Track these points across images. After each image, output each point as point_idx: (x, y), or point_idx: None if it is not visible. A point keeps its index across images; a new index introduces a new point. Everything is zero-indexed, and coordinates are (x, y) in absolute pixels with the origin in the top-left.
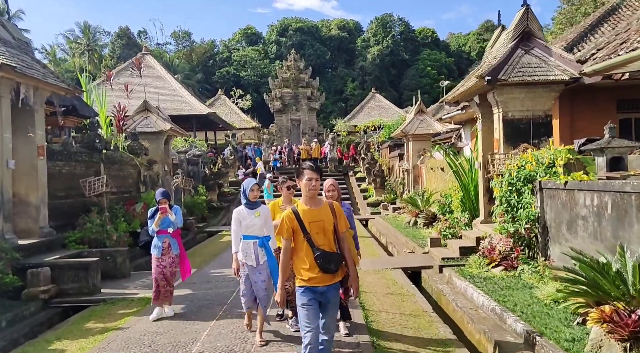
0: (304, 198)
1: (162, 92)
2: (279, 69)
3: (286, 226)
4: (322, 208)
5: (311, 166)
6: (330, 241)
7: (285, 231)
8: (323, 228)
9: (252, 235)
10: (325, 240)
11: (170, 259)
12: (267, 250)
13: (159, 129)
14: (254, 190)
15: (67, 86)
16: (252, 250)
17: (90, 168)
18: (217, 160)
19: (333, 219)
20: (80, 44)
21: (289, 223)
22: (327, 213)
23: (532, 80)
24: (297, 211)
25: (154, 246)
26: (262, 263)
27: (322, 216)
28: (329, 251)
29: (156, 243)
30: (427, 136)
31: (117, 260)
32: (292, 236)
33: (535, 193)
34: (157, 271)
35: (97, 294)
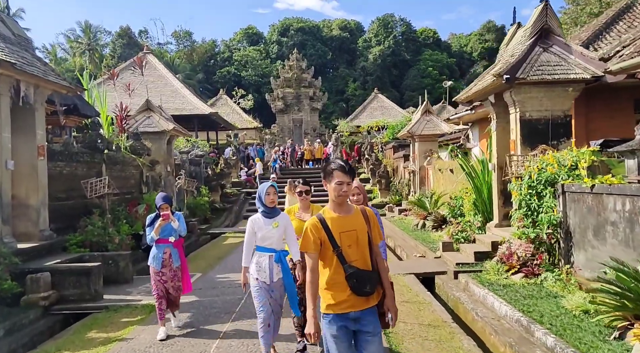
0: (331, 204)
1: (163, 92)
2: (280, 69)
3: (312, 237)
4: (353, 215)
5: (342, 167)
6: (364, 255)
7: (312, 245)
8: (356, 240)
9: (268, 248)
10: (358, 254)
11: (172, 272)
12: (283, 266)
13: (161, 128)
14: (270, 194)
15: (69, 84)
16: (267, 264)
17: (91, 168)
18: (220, 160)
19: (367, 229)
20: (81, 44)
21: (315, 234)
22: (360, 222)
23: (552, 79)
24: (324, 219)
25: (153, 257)
26: (277, 280)
27: (354, 225)
28: (363, 268)
29: (155, 253)
30: (434, 136)
31: (120, 264)
32: (319, 250)
33: (557, 197)
34: (159, 287)
35: (99, 300)
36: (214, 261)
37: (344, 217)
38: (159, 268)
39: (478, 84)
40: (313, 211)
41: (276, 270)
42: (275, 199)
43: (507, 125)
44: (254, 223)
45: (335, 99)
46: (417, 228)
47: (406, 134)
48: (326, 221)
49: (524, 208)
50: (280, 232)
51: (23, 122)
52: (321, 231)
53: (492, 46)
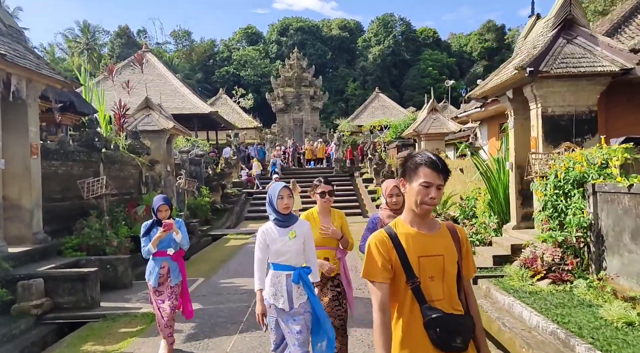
0: (408, 214)
1: (163, 91)
2: (281, 68)
3: (380, 259)
4: (439, 234)
5: (434, 163)
6: (451, 293)
7: (381, 270)
8: (442, 270)
9: (284, 265)
10: (444, 290)
11: (169, 289)
12: (306, 287)
13: (161, 127)
14: (284, 197)
15: (64, 79)
16: (284, 286)
17: (88, 168)
18: (220, 160)
19: (457, 257)
20: (79, 43)
21: (384, 255)
22: (448, 245)
23: (578, 72)
24: (395, 235)
25: (149, 272)
26: (298, 306)
27: (440, 248)
28: (452, 313)
29: (152, 267)
30: (441, 135)
31: (118, 268)
32: (390, 278)
33: (587, 197)
34: (155, 304)
35: (96, 308)
36: (217, 265)
37: (426, 236)
38: (156, 285)
39: (494, 79)
40: (335, 218)
41: (296, 292)
42: (290, 204)
43: (526, 122)
44: (266, 235)
45: (335, 99)
46: None
47: (412, 133)
48: (399, 238)
49: (550, 210)
50: (298, 244)
51: (15, 118)
52: (392, 252)
53: (492, 45)
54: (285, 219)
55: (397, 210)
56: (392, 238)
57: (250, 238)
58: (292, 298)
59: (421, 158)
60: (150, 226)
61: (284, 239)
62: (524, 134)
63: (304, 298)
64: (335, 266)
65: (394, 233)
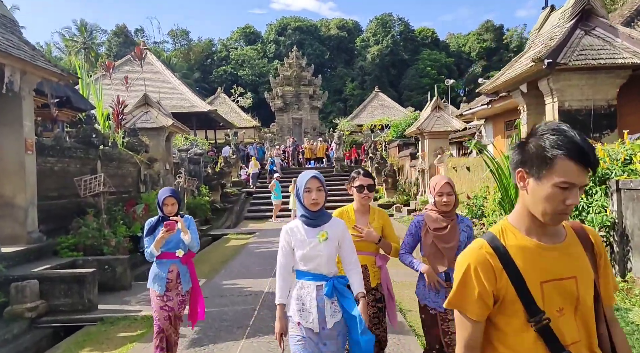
0: (524, 219)
1: (161, 89)
2: (280, 67)
3: (478, 288)
4: (567, 243)
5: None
6: (589, 330)
7: (476, 303)
8: (575, 298)
9: (314, 273)
10: (579, 327)
11: (180, 298)
12: (343, 301)
13: (160, 124)
14: (313, 190)
15: (60, 71)
16: (314, 300)
17: (86, 165)
18: (219, 159)
19: (592, 274)
20: (76, 42)
21: (486, 281)
22: (581, 258)
23: (597, 63)
24: (504, 249)
25: (154, 276)
26: (332, 327)
27: (570, 265)
28: None
29: (157, 272)
30: (445, 133)
31: (117, 269)
32: (488, 313)
33: (609, 195)
34: (162, 315)
35: (94, 311)
36: (219, 266)
37: (549, 249)
38: (162, 292)
39: (506, 73)
40: (374, 217)
41: (330, 309)
42: (321, 199)
43: (539, 117)
44: (291, 235)
45: (334, 99)
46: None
47: (415, 131)
48: (509, 255)
49: None
50: (330, 248)
51: (8, 112)
52: (500, 276)
53: (490, 45)
54: (315, 217)
55: (448, 212)
56: (500, 254)
57: (251, 238)
58: (324, 316)
59: (561, 141)
60: (155, 224)
61: (313, 241)
62: None
63: (338, 317)
64: (375, 275)
65: (501, 247)
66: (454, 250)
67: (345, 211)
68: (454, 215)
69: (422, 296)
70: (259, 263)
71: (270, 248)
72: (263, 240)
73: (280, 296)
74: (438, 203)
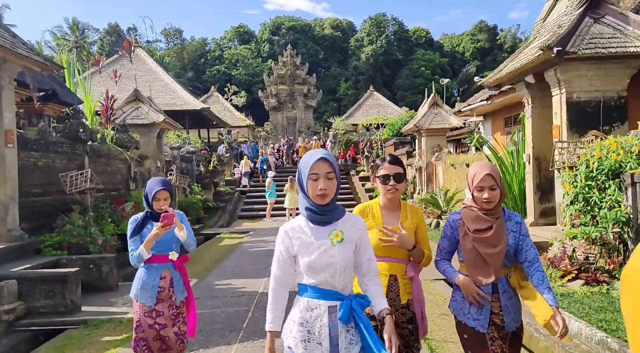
0: None
1: (153, 86)
2: (274, 66)
3: None
4: None
5: None
6: None
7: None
8: None
9: (324, 290)
10: None
11: (174, 310)
12: (362, 327)
13: (151, 120)
14: (320, 177)
15: (43, 61)
16: (325, 327)
17: (72, 160)
18: (212, 158)
19: None
20: (68, 41)
21: None
22: None
23: (608, 53)
24: None
25: (142, 285)
26: None
27: None
28: None
29: (145, 280)
30: (443, 130)
31: (103, 268)
32: None
33: (624, 189)
34: (150, 335)
35: (77, 313)
36: (211, 265)
37: None
38: (152, 304)
39: (510, 65)
40: (408, 215)
41: (345, 339)
42: (331, 190)
43: (544, 110)
44: (292, 238)
45: (327, 99)
46: (431, 228)
47: (412, 129)
48: None
49: (581, 203)
50: (347, 253)
51: None
52: None
53: (484, 46)
54: (325, 211)
55: (490, 211)
56: None
57: (245, 238)
58: (339, 349)
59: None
60: (141, 222)
61: (324, 244)
62: (543, 124)
63: (356, 350)
64: (406, 288)
65: None
66: (500, 256)
67: (368, 208)
68: (500, 212)
69: (460, 312)
70: (253, 262)
71: (264, 247)
72: (257, 239)
73: (272, 320)
74: (477, 199)
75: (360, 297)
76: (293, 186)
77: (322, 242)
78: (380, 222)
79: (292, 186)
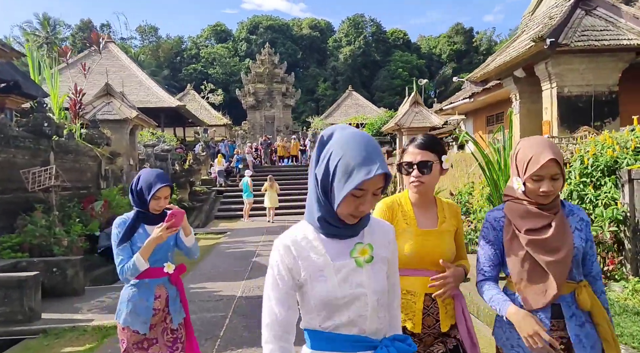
0: None
1: (127, 82)
2: (252, 64)
3: None
4: None
5: None
6: None
7: None
8: None
9: (351, 337)
10: None
11: (169, 334)
12: None
13: (123, 116)
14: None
15: (1, 45)
16: None
17: (36, 156)
18: (187, 156)
19: None
20: (38, 37)
21: None
22: None
23: (601, 45)
24: None
25: (133, 307)
26: None
27: None
28: None
29: (137, 300)
30: (424, 129)
31: (68, 272)
32: None
33: (620, 186)
34: None
35: (36, 321)
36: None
37: None
38: (146, 330)
39: (498, 59)
40: (447, 214)
41: None
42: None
43: (533, 106)
44: (297, 258)
45: (306, 99)
46: None
47: (393, 127)
48: None
49: (575, 201)
50: (380, 276)
51: None
52: None
53: (460, 48)
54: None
55: (548, 206)
56: None
57: (222, 238)
58: None
59: None
60: (131, 224)
61: (345, 265)
62: (531, 120)
63: None
64: (447, 310)
65: None
66: (565, 264)
67: (397, 204)
68: (558, 205)
69: (506, 344)
70: (230, 264)
71: (242, 248)
72: (235, 239)
73: None
74: (532, 191)
75: (400, 340)
76: (272, 185)
77: (343, 263)
78: (414, 224)
79: (271, 186)
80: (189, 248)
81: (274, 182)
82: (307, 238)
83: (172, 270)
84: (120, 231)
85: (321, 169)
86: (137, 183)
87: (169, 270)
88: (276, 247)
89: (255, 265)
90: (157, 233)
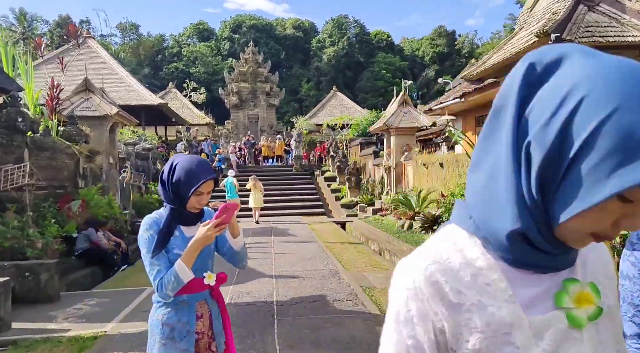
0: None
1: (106, 79)
2: (235, 63)
3: None
4: None
5: None
6: None
7: None
8: None
9: None
10: None
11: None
12: None
13: (103, 113)
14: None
15: None
16: None
17: (8, 153)
18: (169, 155)
19: None
20: (14, 32)
21: None
22: None
23: (606, 42)
24: None
25: (170, 332)
26: None
27: None
28: None
29: (175, 322)
30: (412, 130)
31: (42, 276)
32: None
33: None
34: None
35: (5, 332)
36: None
37: None
38: (190, 347)
39: (496, 56)
40: None
41: None
42: None
43: None
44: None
45: (289, 99)
46: (403, 230)
47: (381, 127)
48: None
49: None
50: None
51: None
52: None
53: (443, 50)
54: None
55: None
56: None
57: None
58: None
59: None
60: (167, 226)
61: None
62: None
63: None
64: None
65: None
66: None
67: None
68: None
69: None
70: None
71: None
72: None
73: None
74: None
75: None
76: (256, 185)
77: (547, 318)
78: None
79: (254, 186)
80: (237, 252)
81: (257, 181)
82: (473, 264)
83: (213, 281)
84: (153, 235)
85: (548, 132)
86: (172, 173)
87: (210, 282)
88: (404, 284)
89: None
90: (204, 232)
